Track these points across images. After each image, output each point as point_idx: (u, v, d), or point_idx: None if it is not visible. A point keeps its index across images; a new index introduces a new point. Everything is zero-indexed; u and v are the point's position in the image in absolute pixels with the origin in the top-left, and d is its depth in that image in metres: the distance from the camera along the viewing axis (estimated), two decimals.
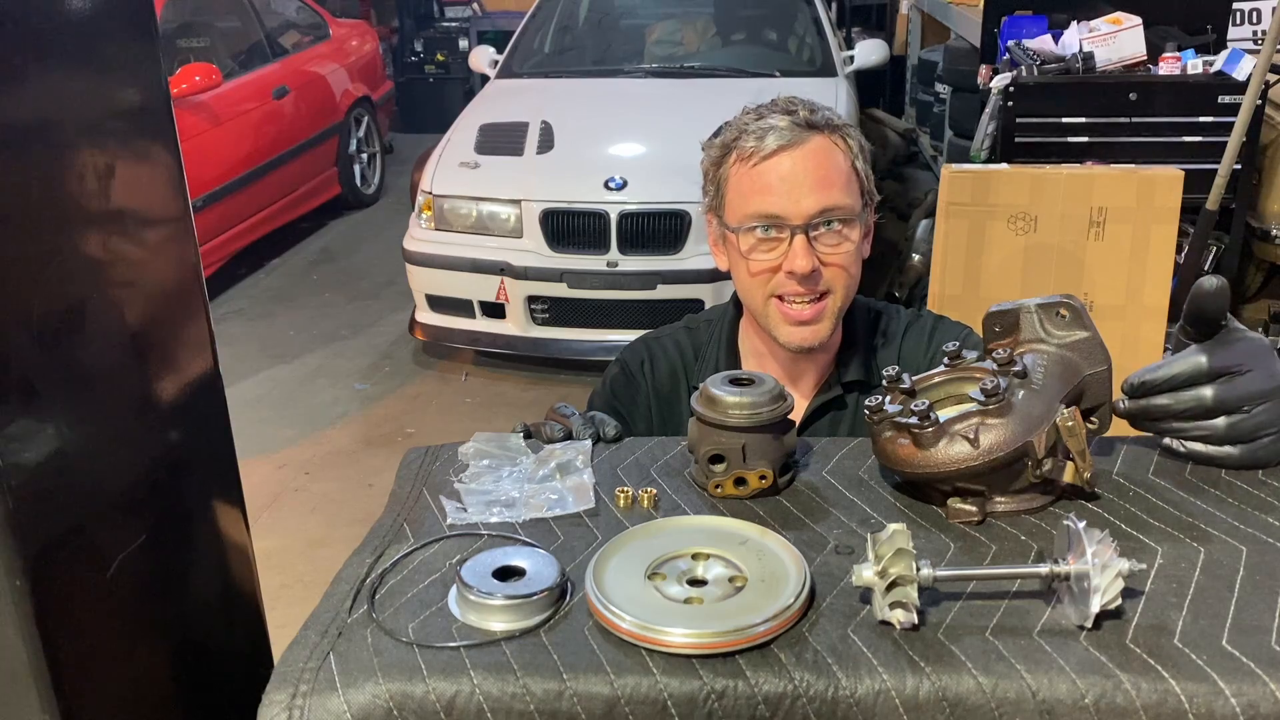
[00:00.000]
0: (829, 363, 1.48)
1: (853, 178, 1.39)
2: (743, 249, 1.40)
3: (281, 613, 1.37)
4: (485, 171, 4.46)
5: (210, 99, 5.31)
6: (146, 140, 1.08)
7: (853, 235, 1.39)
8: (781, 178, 1.36)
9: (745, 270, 1.41)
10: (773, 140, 1.36)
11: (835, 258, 1.38)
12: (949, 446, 0.93)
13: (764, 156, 1.36)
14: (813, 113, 1.39)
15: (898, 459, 0.96)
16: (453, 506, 0.98)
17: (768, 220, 1.37)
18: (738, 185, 1.40)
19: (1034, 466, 0.93)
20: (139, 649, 1.07)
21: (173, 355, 1.13)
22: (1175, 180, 2.97)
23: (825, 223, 1.36)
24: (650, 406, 1.52)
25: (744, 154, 1.38)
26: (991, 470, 0.92)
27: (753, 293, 1.43)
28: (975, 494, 0.95)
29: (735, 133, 1.41)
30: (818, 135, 1.37)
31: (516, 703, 0.75)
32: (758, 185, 1.37)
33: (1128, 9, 3.79)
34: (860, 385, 1.47)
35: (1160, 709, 0.72)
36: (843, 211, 1.37)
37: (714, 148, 1.44)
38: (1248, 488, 0.98)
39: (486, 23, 9.85)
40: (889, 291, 4.73)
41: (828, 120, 1.39)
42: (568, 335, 4.35)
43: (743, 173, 1.39)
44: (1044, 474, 0.93)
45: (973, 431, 0.92)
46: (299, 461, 3.94)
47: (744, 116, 1.42)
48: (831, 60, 5.45)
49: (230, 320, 5.22)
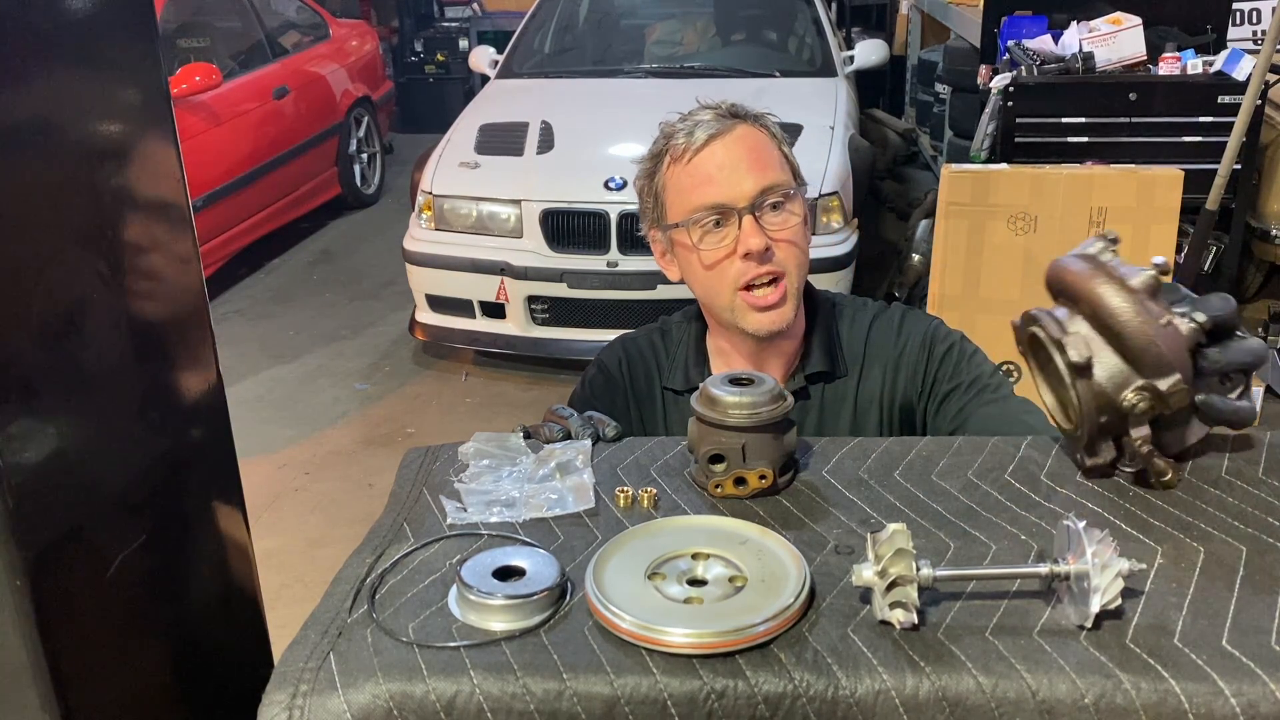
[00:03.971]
0: (793, 355, 1.49)
1: (783, 160, 1.43)
2: (692, 240, 1.41)
3: (281, 613, 1.37)
4: (485, 171, 4.46)
5: (210, 99, 5.31)
6: (147, 140, 1.08)
7: (797, 210, 1.42)
8: (719, 165, 1.39)
9: (700, 269, 1.43)
10: (702, 133, 1.39)
11: (784, 234, 1.40)
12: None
13: (697, 149, 1.39)
14: (734, 106, 1.44)
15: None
16: (453, 506, 0.98)
17: (713, 210, 1.39)
18: (677, 184, 1.42)
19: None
20: (139, 649, 1.07)
21: (173, 355, 1.13)
22: (1175, 180, 2.98)
23: (768, 202, 1.39)
24: (629, 406, 1.52)
25: (677, 153, 1.41)
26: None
27: (715, 291, 1.43)
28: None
29: (664, 139, 1.45)
30: (742, 123, 1.42)
31: (516, 703, 0.75)
32: (697, 178, 1.40)
33: (1128, 9, 3.79)
34: (824, 376, 1.47)
35: (1160, 709, 0.72)
36: (783, 188, 1.40)
37: (645, 162, 1.48)
38: (1248, 487, 0.98)
39: (486, 23, 9.85)
40: (889, 292, 4.73)
41: (748, 111, 1.44)
42: (568, 335, 4.35)
43: (679, 171, 1.42)
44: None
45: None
46: (299, 461, 3.94)
47: (668, 124, 1.46)
48: (831, 60, 5.45)
49: (230, 320, 5.22)
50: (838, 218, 4.20)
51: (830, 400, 1.47)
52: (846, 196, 4.32)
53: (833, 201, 4.18)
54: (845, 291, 3.38)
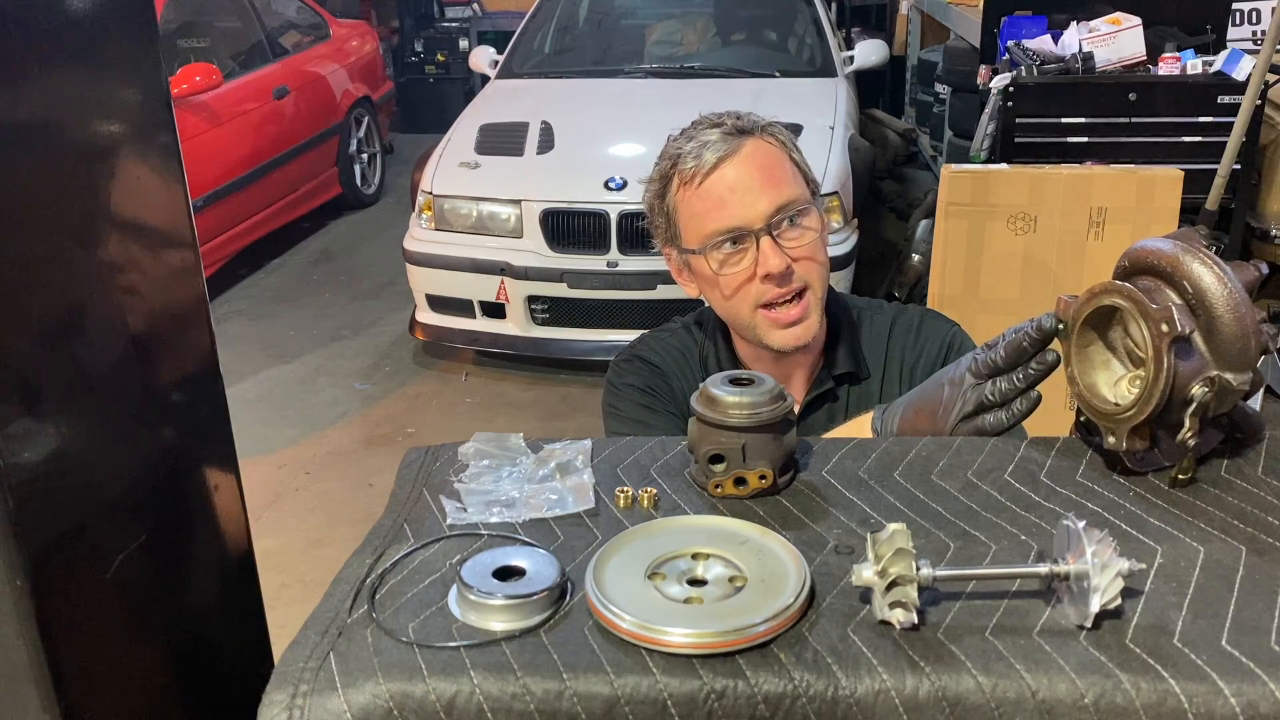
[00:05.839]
0: (817, 357, 1.49)
1: (795, 171, 1.41)
2: (712, 268, 1.39)
3: (281, 613, 1.37)
4: (485, 171, 4.46)
5: (210, 99, 5.31)
6: (147, 140, 1.08)
7: (813, 224, 1.40)
8: (730, 188, 1.36)
9: (720, 291, 1.41)
10: (710, 154, 1.36)
11: (801, 250, 1.39)
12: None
13: (706, 173, 1.37)
14: (739, 119, 1.40)
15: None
16: (453, 506, 0.98)
17: (729, 233, 1.37)
18: (689, 208, 1.40)
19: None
20: (139, 649, 1.07)
21: (173, 355, 1.13)
22: (1175, 180, 2.98)
23: (784, 219, 1.37)
24: (683, 392, 1.48)
25: (685, 176, 1.38)
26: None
27: (736, 310, 1.42)
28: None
29: (670, 160, 1.41)
30: (750, 139, 1.38)
31: (516, 703, 0.75)
32: (709, 202, 1.37)
33: (1127, 9, 3.79)
34: (850, 377, 1.47)
35: (1160, 709, 0.72)
36: (797, 204, 1.38)
37: (653, 182, 1.45)
38: (1248, 487, 0.98)
39: (486, 23, 9.85)
40: (889, 292, 4.73)
41: (754, 123, 1.40)
42: (568, 335, 4.35)
43: (690, 194, 1.39)
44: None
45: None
46: (299, 461, 3.94)
47: (674, 143, 1.43)
48: (831, 60, 5.45)
49: (230, 320, 5.22)
50: (838, 218, 4.20)
51: (856, 402, 1.47)
52: (846, 196, 4.32)
53: (833, 201, 4.18)
54: (845, 291, 3.38)
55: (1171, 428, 0.94)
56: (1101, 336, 1.00)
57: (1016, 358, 1.06)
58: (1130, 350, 0.98)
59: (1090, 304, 0.98)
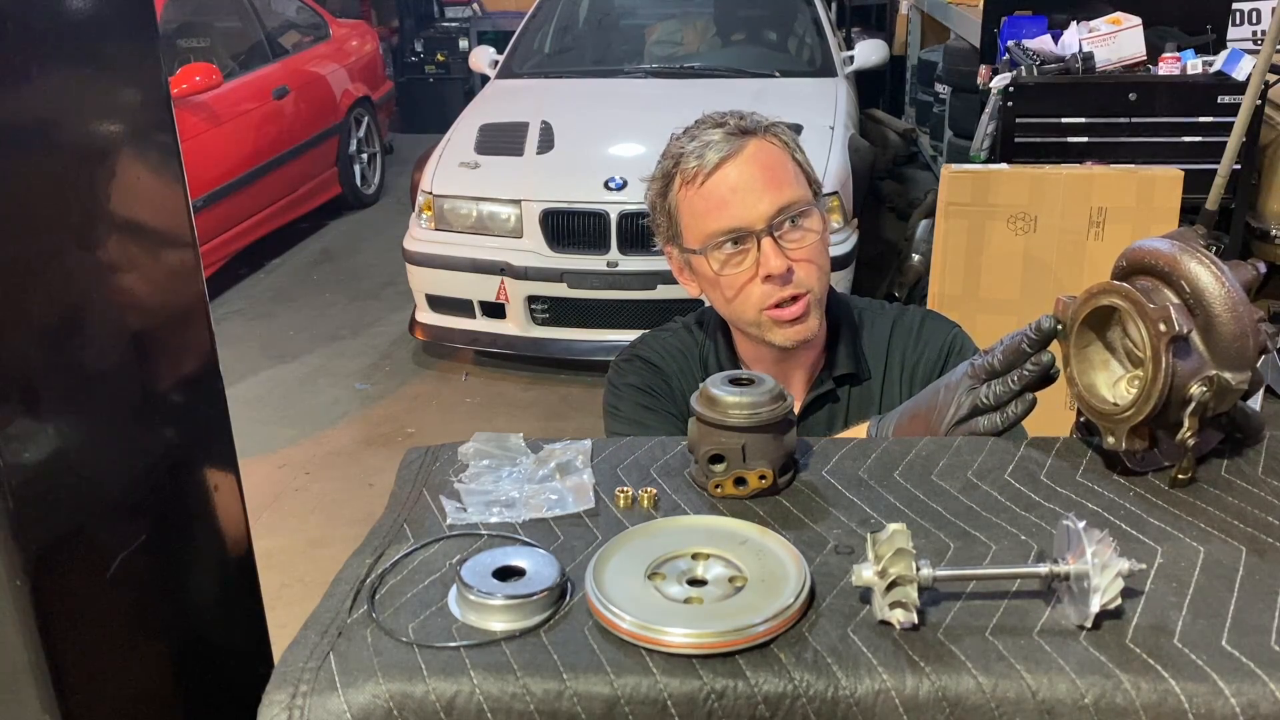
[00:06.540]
0: (817, 358, 1.49)
1: (797, 171, 1.40)
2: (713, 268, 1.40)
3: (281, 613, 1.37)
4: (485, 171, 4.46)
5: (210, 99, 5.31)
6: (146, 140, 1.08)
7: (814, 226, 1.40)
8: (732, 189, 1.36)
9: (722, 292, 1.42)
10: (713, 154, 1.36)
11: (802, 252, 1.39)
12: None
13: (709, 173, 1.36)
14: (742, 119, 1.40)
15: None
16: (453, 506, 0.98)
17: (730, 234, 1.37)
18: (690, 208, 1.40)
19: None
20: (139, 649, 1.07)
21: (173, 355, 1.13)
22: (1175, 180, 2.98)
23: (786, 220, 1.37)
24: (684, 392, 1.49)
25: (688, 176, 1.38)
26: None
27: (739, 312, 1.42)
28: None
29: (673, 159, 1.41)
30: (753, 139, 1.38)
31: (516, 703, 0.75)
32: (711, 202, 1.37)
33: (1128, 9, 3.79)
34: (850, 378, 1.47)
35: (1160, 709, 0.72)
36: (799, 205, 1.38)
37: (656, 180, 1.45)
38: (1248, 487, 0.98)
39: (486, 23, 9.85)
40: (889, 292, 4.73)
41: (758, 123, 1.40)
42: (568, 335, 4.35)
43: (692, 194, 1.39)
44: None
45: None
46: (299, 461, 3.94)
47: (676, 141, 1.43)
48: (831, 60, 5.45)
49: (230, 320, 5.22)
50: (838, 218, 4.20)
51: (856, 403, 1.48)
52: (846, 196, 4.33)
53: (833, 201, 4.18)
54: (845, 291, 3.38)
55: (1171, 428, 0.94)
56: (1100, 337, 1.00)
57: (1014, 360, 1.06)
58: (1129, 350, 0.98)
59: (1088, 304, 0.98)
